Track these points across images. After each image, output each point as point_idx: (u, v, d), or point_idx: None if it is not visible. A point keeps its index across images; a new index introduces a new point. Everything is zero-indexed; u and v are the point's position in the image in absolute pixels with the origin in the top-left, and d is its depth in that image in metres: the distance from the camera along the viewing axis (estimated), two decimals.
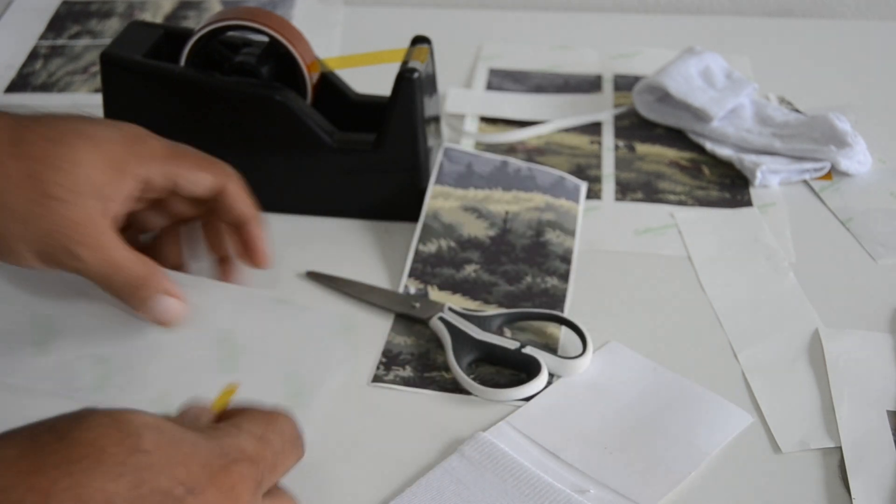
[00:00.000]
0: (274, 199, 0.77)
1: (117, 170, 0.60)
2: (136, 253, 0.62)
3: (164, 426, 0.44)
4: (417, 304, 0.71)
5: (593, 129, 0.91)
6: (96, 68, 0.98)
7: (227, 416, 0.50)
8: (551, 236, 0.77)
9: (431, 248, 0.76)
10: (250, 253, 0.67)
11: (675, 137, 0.89)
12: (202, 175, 0.64)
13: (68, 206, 0.58)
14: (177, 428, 0.45)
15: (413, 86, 0.75)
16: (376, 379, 0.66)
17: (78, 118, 0.61)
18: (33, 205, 0.57)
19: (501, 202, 0.79)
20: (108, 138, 0.61)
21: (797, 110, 0.91)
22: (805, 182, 0.84)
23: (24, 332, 0.67)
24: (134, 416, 0.43)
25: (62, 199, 0.58)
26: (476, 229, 0.77)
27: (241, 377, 0.59)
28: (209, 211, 0.67)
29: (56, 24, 1.08)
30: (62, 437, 0.41)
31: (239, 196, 0.66)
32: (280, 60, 0.78)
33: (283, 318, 0.67)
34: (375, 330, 0.70)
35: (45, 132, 0.59)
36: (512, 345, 0.66)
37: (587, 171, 0.85)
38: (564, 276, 0.74)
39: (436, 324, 0.69)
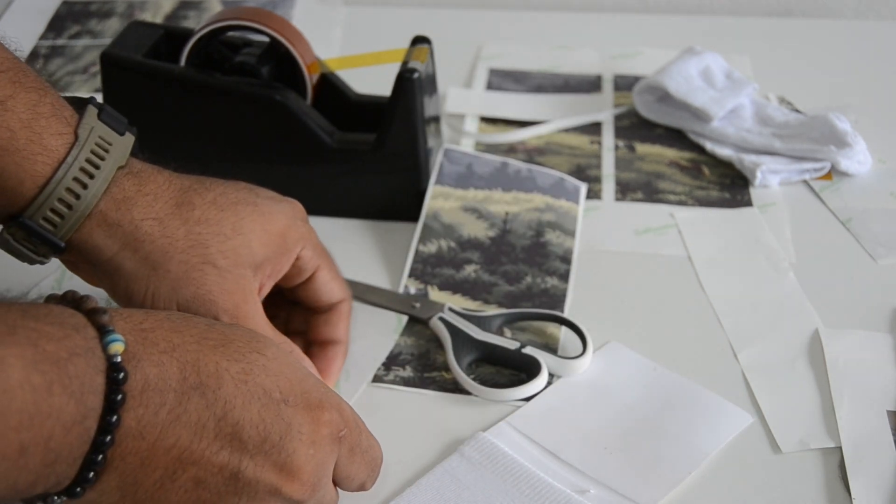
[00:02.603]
0: None
1: (278, 245, 0.61)
2: (275, 330, 0.61)
3: (289, 354, 0.52)
4: (417, 304, 0.71)
5: (593, 129, 0.91)
6: (96, 68, 0.98)
7: None
8: (551, 237, 0.77)
9: (431, 248, 0.76)
10: (320, 374, 0.64)
11: (675, 137, 0.89)
12: (335, 285, 0.65)
13: (225, 274, 0.58)
14: (299, 361, 0.53)
15: (413, 86, 0.75)
16: (376, 379, 0.66)
17: (244, 187, 0.62)
18: (192, 269, 0.57)
19: (501, 203, 0.79)
20: (273, 211, 0.61)
21: (797, 110, 0.91)
22: (805, 182, 0.84)
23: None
24: (268, 337, 0.52)
25: (221, 268, 0.58)
26: (476, 230, 0.77)
27: None
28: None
29: (56, 24, 1.08)
30: (210, 325, 0.50)
31: (345, 316, 0.66)
32: (280, 61, 0.78)
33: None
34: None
35: (213, 199, 0.59)
36: (512, 345, 0.66)
37: (587, 171, 0.85)
38: (564, 277, 0.74)
39: (436, 324, 0.69)
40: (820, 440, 0.61)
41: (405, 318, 0.70)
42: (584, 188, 0.82)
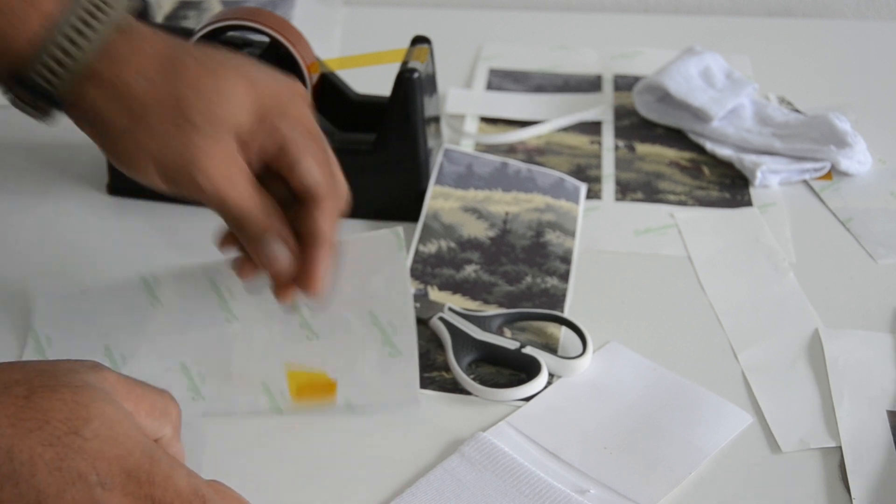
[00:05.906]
0: None
1: (260, 119, 0.59)
2: (259, 193, 0.59)
3: (118, 420, 0.48)
4: (417, 304, 0.71)
5: (593, 129, 0.91)
6: None
7: None
8: (551, 237, 0.77)
9: (431, 248, 0.76)
10: (303, 274, 0.62)
11: (675, 137, 0.89)
12: (310, 166, 0.60)
13: (202, 133, 0.58)
14: (130, 426, 0.49)
15: (413, 86, 0.75)
16: None
17: (242, 58, 0.61)
18: (171, 125, 0.58)
19: (501, 203, 0.79)
20: (264, 85, 0.60)
21: (797, 110, 0.91)
22: (805, 182, 0.84)
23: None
24: (100, 404, 0.48)
25: (198, 127, 0.58)
26: (476, 230, 0.77)
27: (328, 336, 0.65)
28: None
29: None
30: (28, 399, 0.47)
31: (326, 212, 0.61)
32: (280, 61, 0.78)
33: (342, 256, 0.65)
34: None
35: (203, 60, 0.59)
36: (512, 345, 0.66)
37: (587, 171, 0.85)
38: (564, 277, 0.74)
39: (436, 324, 0.69)
40: (820, 440, 0.61)
41: (400, 229, 0.65)
42: (584, 188, 0.82)
